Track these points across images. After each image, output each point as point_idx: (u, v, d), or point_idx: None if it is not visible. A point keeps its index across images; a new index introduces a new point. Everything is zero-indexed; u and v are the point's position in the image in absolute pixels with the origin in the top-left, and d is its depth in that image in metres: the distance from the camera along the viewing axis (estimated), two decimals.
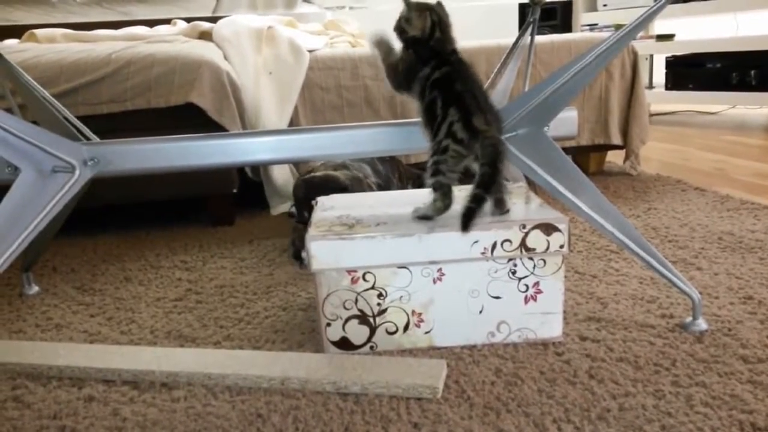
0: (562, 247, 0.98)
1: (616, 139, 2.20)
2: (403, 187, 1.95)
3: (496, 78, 1.44)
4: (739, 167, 2.37)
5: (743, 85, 3.38)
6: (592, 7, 3.86)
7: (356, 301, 1.01)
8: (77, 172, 1.04)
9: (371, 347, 1.02)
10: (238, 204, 2.00)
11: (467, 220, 0.94)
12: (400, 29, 1.02)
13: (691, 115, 3.87)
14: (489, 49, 2.11)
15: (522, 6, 3.83)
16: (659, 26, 3.81)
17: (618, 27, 3.37)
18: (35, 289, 1.40)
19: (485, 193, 0.94)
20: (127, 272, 1.51)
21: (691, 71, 3.56)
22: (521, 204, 1.07)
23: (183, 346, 1.09)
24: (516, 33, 4.27)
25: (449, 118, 0.95)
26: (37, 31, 2.17)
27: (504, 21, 3.79)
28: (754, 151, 2.69)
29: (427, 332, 1.02)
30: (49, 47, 1.92)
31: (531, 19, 1.38)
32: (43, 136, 1.01)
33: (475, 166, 0.95)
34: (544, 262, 0.99)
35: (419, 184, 2.09)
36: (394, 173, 1.85)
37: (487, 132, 0.94)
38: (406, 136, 1.15)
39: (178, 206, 2.16)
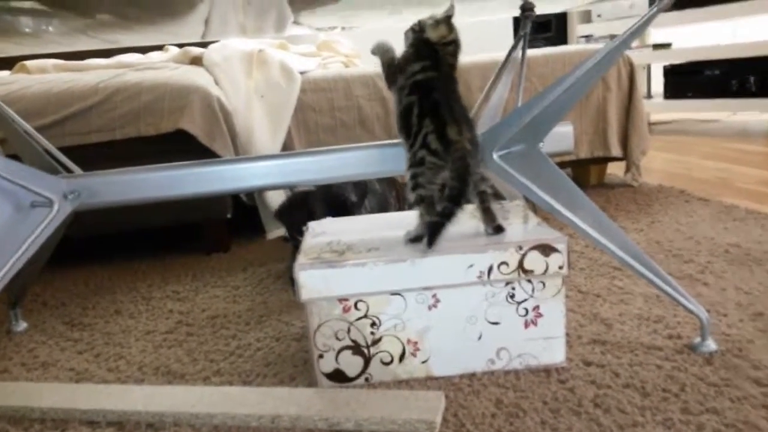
0: (561, 268, 0.94)
1: (616, 151, 2.16)
2: (401, 207, 1.91)
3: (490, 92, 1.41)
4: (743, 175, 2.33)
5: (743, 92, 3.34)
6: (587, 19, 3.85)
7: (349, 330, 0.96)
8: (56, 207, 1.01)
9: (366, 379, 0.98)
10: (234, 230, 1.96)
11: (433, 235, 0.91)
12: (419, 27, 1.00)
13: (691, 124, 3.83)
14: (483, 64, 2.09)
15: (516, 20, 3.81)
16: (656, 35, 3.79)
17: (613, 37, 3.36)
18: (23, 325, 1.37)
19: (454, 206, 0.90)
20: (117, 305, 1.47)
21: (690, 79, 3.53)
22: (518, 223, 1.03)
23: (171, 383, 1.05)
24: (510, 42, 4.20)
25: (424, 128, 0.93)
26: (28, 63, 2.16)
27: (498, 35, 3.78)
28: (757, 159, 2.65)
29: (423, 361, 0.98)
30: (37, 78, 1.90)
31: (522, 33, 1.35)
32: (20, 171, 0.98)
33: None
34: (544, 284, 0.95)
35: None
36: (392, 192, 1.81)
37: (458, 143, 0.91)
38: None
39: (173, 233, 2.13)
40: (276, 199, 1.96)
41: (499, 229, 0.98)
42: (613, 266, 1.42)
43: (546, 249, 0.93)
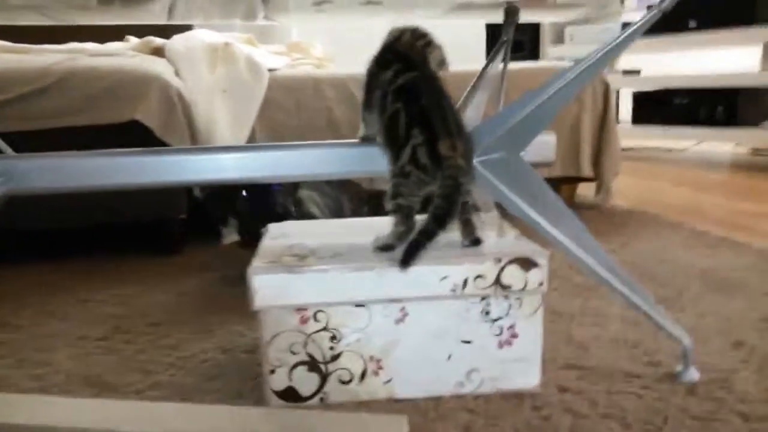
0: (541, 284, 0.86)
1: (587, 171, 2.12)
2: (358, 210, 1.82)
3: (466, 103, 1.34)
4: (713, 204, 2.31)
5: (710, 121, 3.37)
6: (559, 40, 3.85)
7: (305, 344, 0.86)
8: None
9: (321, 399, 0.88)
10: (189, 232, 1.83)
11: (410, 255, 0.81)
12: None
13: (657, 151, 3.85)
14: (459, 75, 2.02)
15: (490, 28, 3.78)
16: (625, 61, 3.82)
17: None
18: None
19: (437, 228, 0.81)
20: (52, 306, 1.34)
21: (658, 106, 3.55)
22: (495, 236, 0.96)
23: (100, 395, 0.93)
24: (484, 58, 4.18)
25: (413, 140, 0.83)
26: None
27: (472, 45, 3.76)
28: (724, 188, 2.65)
29: (386, 382, 0.88)
30: None
31: (504, 39, 1.29)
32: None
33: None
34: (521, 302, 0.87)
35: (377, 208, 1.97)
36: (344, 194, 1.72)
37: (450, 160, 0.82)
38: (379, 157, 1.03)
39: (124, 232, 1.99)
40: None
41: (476, 242, 0.89)
42: (586, 286, 1.36)
43: (526, 263, 0.85)
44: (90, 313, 1.29)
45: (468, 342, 0.88)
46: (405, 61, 0.87)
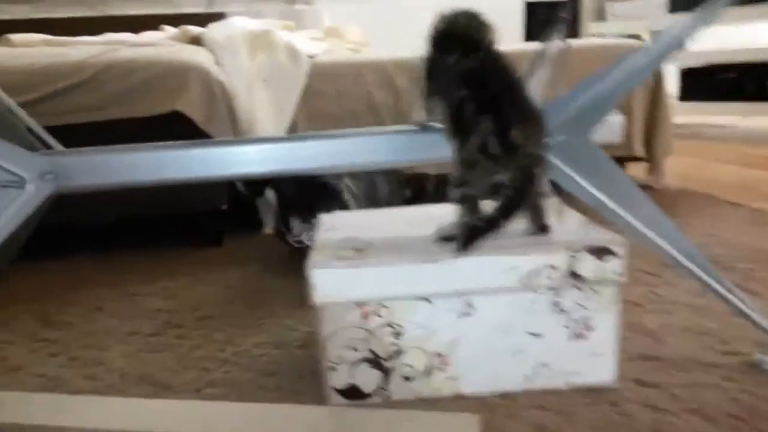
0: (618, 275, 0.81)
1: (639, 151, 2.04)
2: (396, 194, 1.77)
3: None
4: (764, 181, 2.20)
5: (758, 96, 3.23)
6: (600, 17, 3.73)
7: (367, 340, 0.83)
8: (30, 188, 0.86)
9: (384, 396, 0.84)
10: (228, 222, 1.81)
11: (470, 239, 0.77)
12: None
13: (703, 127, 3.71)
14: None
15: (530, 5, 3.66)
16: None
17: (632, 36, 3.23)
18: None
19: (504, 218, 0.77)
20: (99, 301, 1.33)
21: (705, 82, 3.42)
22: (558, 221, 0.90)
23: (156, 395, 0.91)
24: (521, 37, 4.05)
25: (482, 127, 0.77)
26: (12, 36, 2.01)
27: (508, 23, 3.67)
28: None
29: (451, 378, 0.84)
30: (20, 52, 1.76)
31: (564, 16, 1.22)
32: None
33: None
34: (596, 292, 0.82)
35: (419, 191, 1.91)
36: (380, 177, 1.67)
37: (524, 148, 0.77)
38: (430, 143, 0.98)
39: (161, 223, 1.97)
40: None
41: (544, 229, 0.84)
42: (647, 271, 1.29)
43: (602, 252, 0.80)
44: (139, 308, 1.27)
45: (537, 335, 0.83)
46: (467, 44, 0.82)
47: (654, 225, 0.88)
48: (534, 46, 1.24)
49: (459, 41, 0.82)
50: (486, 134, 0.76)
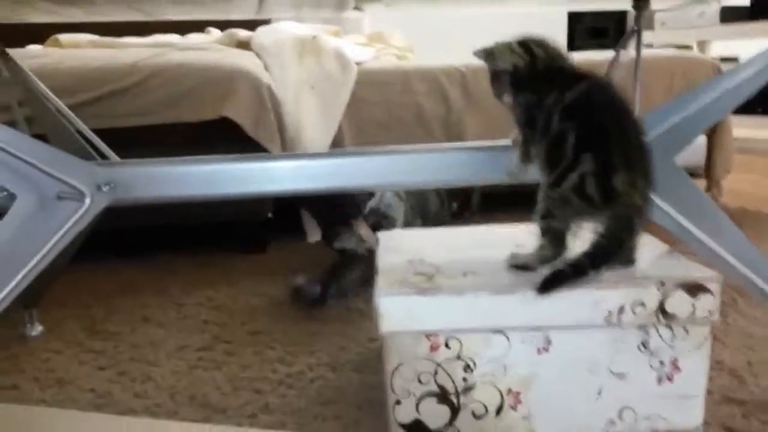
0: (711, 313, 0.75)
1: (695, 170, 1.95)
2: (447, 207, 1.72)
3: None
4: None
5: None
6: (648, 26, 3.63)
7: (435, 373, 0.78)
8: (88, 200, 0.83)
9: None
10: (272, 230, 1.78)
11: (551, 284, 0.72)
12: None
13: (758, 143, 3.58)
14: None
15: (572, 16, 3.57)
16: (721, 48, 3.56)
17: (680, 47, 3.13)
18: (39, 329, 1.20)
19: (592, 268, 0.71)
20: (146, 310, 1.30)
21: (759, 95, 3.29)
22: (644, 253, 0.84)
23: (210, 419, 0.87)
24: (563, 46, 4.01)
25: (582, 166, 0.71)
26: (62, 37, 2.00)
27: (550, 32, 3.59)
28: None
29: (526, 417, 0.78)
30: (70, 53, 1.75)
31: (635, 28, 1.16)
32: (47, 155, 0.81)
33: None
34: (687, 331, 0.76)
35: (465, 205, 1.86)
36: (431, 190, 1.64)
37: (626, 198, 0.71)
38: (489, 162, 0.93)
39: (205, 229, 1.95)
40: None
41: (629, 262, 0.78)
42: (724, 302, 1.21)
43: (694, 288, 0.74)
44: (186, 320, 1.24)
45: (622, 376, 0.77)
46: (562, 75, 0.76)
47: (742, 256, 0.81)
48: (580, 56, 1.18)
49: (554, 72, 0.76)
50: (585, 173, 0.70)
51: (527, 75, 0.77)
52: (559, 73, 0.77)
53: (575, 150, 0.71)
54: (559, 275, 0.72)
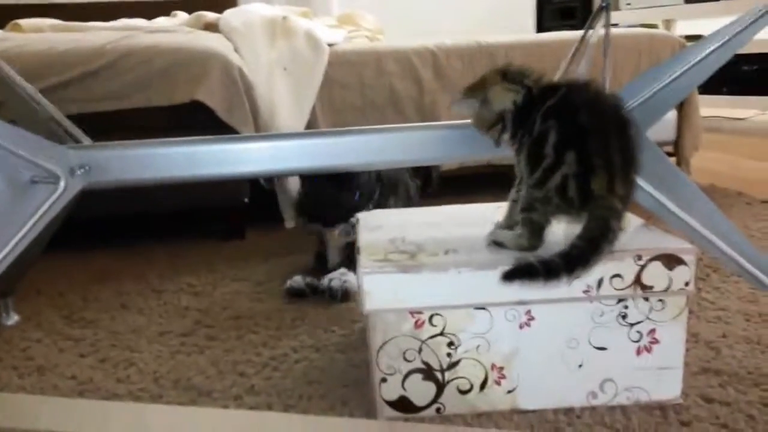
0: (687, 284, 0.77)
1: (666, 145, 1.99)
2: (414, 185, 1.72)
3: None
4: None
5: None
6: (614, 6, 3.66)
7: (420, 350, 0.79)
8: (62, 184, 0.82)
9: (438, 409, 0.80)
10: (249, 215, 1.77)
11: (517, 275, 0.71)
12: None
13: (721, 121, 3.66)
14: (526, 44, 1.90)
15: None
16: (686, 26, 3.62)
17: (645, 26, 3.17)
18: (15, 318, 1.18)
19: (565, 271, 0.70)
20: (124, 297, 1.29)
21: (725, 74, 3.35)
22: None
23: (196, 402, 0.87)
24: (532, 28, 4.00)
25: (564, 167, 0.71)
26: (22, 21, 1.94)
27: (519, 13, 3.61)
28: None
29: (510, 391, 0.80)
30: (36, 37, 1.70)
31: (603, 4, 1.17)
32: (18, 137, 0.79)
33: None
34: (663, 303, 0.78)
35: (427, 181, 1.86)
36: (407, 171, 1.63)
37: (604, 201, 0.71)
38: (462, 141, 0.94)
39: (180, 216, 1.93)
40: (296, 183, 1.77)
41: None
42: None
43: (670, 260, 0.76)
44: (167, 306, 1.23)
45: (602, 348, 0.79)
46: (552, 89, 0.77)
47: (715, 228, 0.84)
48: (549, 36, 1.18)
49: (545, 92, 0.77)
50: (568, 174, 0.71)
51: (527, 106, 0.77)
52: (549, 90, 0.77)
53: (557, 147, 0.71)
54: (528, 269, 0.71)
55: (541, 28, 3.95)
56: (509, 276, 0.72)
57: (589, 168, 0.71)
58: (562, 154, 0.71)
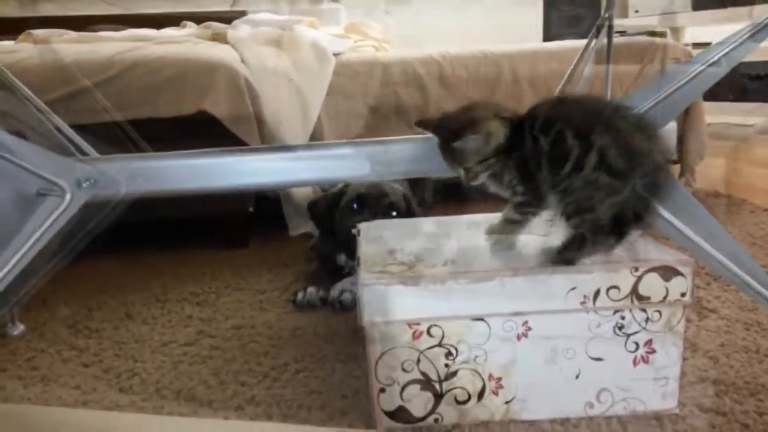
0: (683, 295, 0.77)
1: (670, 152, 1.98)
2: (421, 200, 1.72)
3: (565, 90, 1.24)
4: None
5: None
6: (623, 14, 3.66)
7: (418, 361, 0.79)
8: (68, 196, 0.83)
9: (435, 420, 0.81)
10: (251, 223, 1.78)
11: (568, 248, 0.77)
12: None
13: (726, 127, 3.64)
14: (530, 52, 1.91)
15: (547, 3, 3.59)
16: (694, 33, 3.61)
17: (652, 34, 3.17)
18: (20, 328, 1.19)
19: (613, 231, 0.74)
20: (128, 307, 1.30)
21: (732, 81, 3.35)
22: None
23: (196, 413, 0.88)
24: (541, 36, 3.98)
25: (597, 143, 0.72)
26: (35, 32, 1.97)
27: (527, 20, 3.62)
28: None
29: (507, 402, 0.81)
30: (45, 48, 1.72)
31: (606, 15, 1.18)
32: (25, 149, 0.81)
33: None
34: (660, 314, 0.78)
35: (435, 194, 1.86)
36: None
37: (649, 156, 0.73)
38: None
39: (185, 224, 1.94)
40: (300, 192, 1.78)
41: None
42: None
43: (667, 272, 0.76)
44: (170, 315, 1.24)
45: (599, 359, 0.79)
46: (527, 114, 0.80)
47: (706, 235, 0.83)
48: (553, 46, 1.19)
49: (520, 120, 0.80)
50: (603, 145, 0.72)
51: (512, 136, 0.79)
52: (525, 117, 0.79)
53: (580, 138, 0.72)
54: (577, 239, 0.75)
55: (548, 36, 3.96)
56: (562, 252, 0.76)
57: (620, 133, 0.72)
58: (587, 138, 0.72)
